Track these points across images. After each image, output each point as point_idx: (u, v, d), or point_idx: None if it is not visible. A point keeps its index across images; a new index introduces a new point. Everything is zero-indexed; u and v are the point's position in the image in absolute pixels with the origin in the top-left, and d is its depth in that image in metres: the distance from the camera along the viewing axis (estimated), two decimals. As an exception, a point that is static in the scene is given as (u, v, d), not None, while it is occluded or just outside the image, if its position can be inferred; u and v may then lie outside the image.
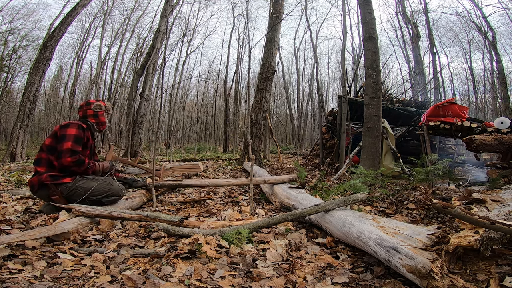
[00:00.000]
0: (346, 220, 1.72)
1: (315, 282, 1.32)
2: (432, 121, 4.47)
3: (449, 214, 1.39)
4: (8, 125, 18.79)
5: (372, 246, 1.43)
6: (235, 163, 7.49)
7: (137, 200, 2.90)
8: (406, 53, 17.47)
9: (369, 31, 5.08)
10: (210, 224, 2.03)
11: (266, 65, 7.56)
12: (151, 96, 13.92)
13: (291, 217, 1.97)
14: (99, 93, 21.64)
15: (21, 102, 9.08)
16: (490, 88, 18.33)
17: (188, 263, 1.47)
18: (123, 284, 1.25)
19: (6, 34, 14.99)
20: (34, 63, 9.22)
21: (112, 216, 2.19)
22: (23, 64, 16.29)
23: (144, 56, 11.06)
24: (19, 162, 7.80)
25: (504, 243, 1.20)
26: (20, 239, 1.62)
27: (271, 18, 8.18)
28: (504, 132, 3.83)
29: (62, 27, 9.41)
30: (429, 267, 1.10)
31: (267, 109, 7.57)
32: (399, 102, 8.38)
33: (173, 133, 23.10)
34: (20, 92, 16.73)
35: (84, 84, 24.49)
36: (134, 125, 10.20)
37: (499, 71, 14.02)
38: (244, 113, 22.30)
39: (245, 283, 1.31)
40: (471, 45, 19.00)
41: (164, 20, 10.21)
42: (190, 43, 22.19)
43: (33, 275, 1.33)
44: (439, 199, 2.46)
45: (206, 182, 3.20)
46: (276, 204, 2.77)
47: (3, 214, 2.34)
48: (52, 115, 20.27)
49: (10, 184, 4.08)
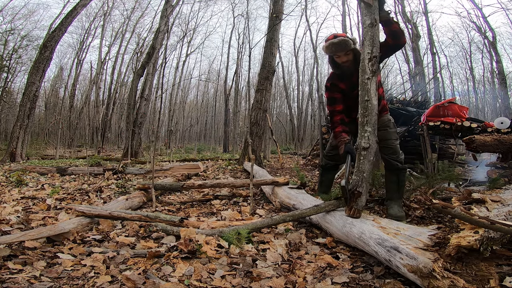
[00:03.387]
0: (347, 220, 1.72)
1: (315, 282, 1.32)
2: (432, 121, 4.48)
3: (449, 214, 1.39)
4: (8, 125, 18.78)
5: (373, 246, 1.43)
6: (235, 163, 7.48)
7: (137, 200, 2.90)
8: (406, 53, 17.47)
9: (369, 31, 5.07)
10: (210, 224, 2.03)
11: (266, 65, 7.56)
12: (151, 96, 13.92)
13: (291, 218, 1.96)
14: (99, 93, 21.67)
15: (21, 102, 9.08)
16: (490, 88, 18.35)
17: (188, 263, 1.47)
18: (123, 284, 1.25)
19: (6, 34, 14.99)
20: (34, 63, 9.22)
21: (112, 216, 2.19)
22: (23, 64, 16.30)
23: (144, 56, 11.06)
24: (19, 162, 7.80)
25: (504, 243, 1.20)
26: (20, 239, 1.62)
27: (271, 18, 8.18)
28: (504, 132, 3.84)
29: (62, 27, 9.41)
30: (431, 267, 1.10)
31: (267, 109, 7.56)
32: (399, 102, 8.37)
33: (173, 133, 23.11)
34: (20, 92, 16.73)
35: (84, 84, 24.51)
36: (134, 125, 10.20)
37: (499, 71, 14.04)
38: (244, 113, 22.30)
39: (245, 283, 1.31)
40: (471, 45, 19.03)
41: (164, 20, 10.20)
42: (190, 43, 22.21)
43: (33, 275, 1.33)
44: (439, 199, 2.46)
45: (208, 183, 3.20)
46: (276, 204, 2.76)
47: (3, 214, 2.34)
48: (52, 115, 20.26)
49: (10, 184, 4.08)
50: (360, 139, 1.81)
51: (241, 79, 21.09)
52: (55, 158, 9.63)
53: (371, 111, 1.81)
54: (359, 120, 1.84)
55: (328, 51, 2.23)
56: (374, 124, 1.82)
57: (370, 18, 1.85)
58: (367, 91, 1.81)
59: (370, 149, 1.78)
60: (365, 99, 1.81)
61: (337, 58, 2.27)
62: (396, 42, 2.06)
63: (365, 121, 1.81)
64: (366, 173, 1.76)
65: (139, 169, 5.36)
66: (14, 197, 3.20)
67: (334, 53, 2.23)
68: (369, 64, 1.82)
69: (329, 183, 2.90)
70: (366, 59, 1.83)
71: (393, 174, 2.33)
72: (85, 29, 20.62)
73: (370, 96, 1.80)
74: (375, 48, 1.83)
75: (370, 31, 1.84)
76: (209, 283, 1.30)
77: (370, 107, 1.81)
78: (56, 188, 3.74)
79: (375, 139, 1.82)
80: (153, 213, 2.19)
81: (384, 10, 1.96)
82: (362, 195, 1.75)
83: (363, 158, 1.78)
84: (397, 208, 2.25)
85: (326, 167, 2.84)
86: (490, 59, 16.48)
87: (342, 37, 2.20)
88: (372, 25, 1.85)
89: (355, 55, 2.23)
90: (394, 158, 2.29)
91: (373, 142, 1.79)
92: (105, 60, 21.19)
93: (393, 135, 2.32)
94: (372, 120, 1.80)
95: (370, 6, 1.85)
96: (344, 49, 2.18)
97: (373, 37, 1.83)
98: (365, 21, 1.87)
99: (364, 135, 1.79)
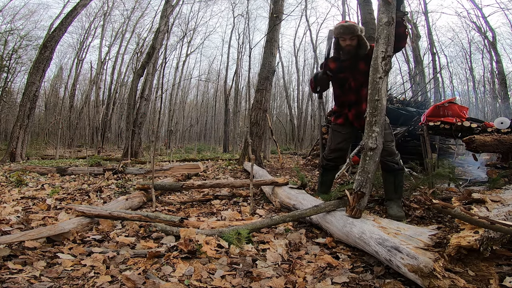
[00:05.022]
0: (348, 220, 1.72)
1: (315, 282, 1.32)
2: (432, 121, 4.48)
3: (449, 214, 1.39)
4: (8, 125, 18.78)
5: (373, 246, 1.43)
6: (235, 163, 7.48)
7: (137, 200, 2.90)
8: (406, 53, 17.48)
9: (369, 31, 5.08)
10: (210, 224, 2.03)
11: (266, 65, 7.56)
12: (151, 96, 13.92)
13: (291, 218, 1.96)
14: (99, 93, 21.66)
15: (21, 102, 9.07)
16: (490, 88, 18.35)
17: (188, 263, 1.47)
18: (123, 284, 1.25)
19: (6, 34, 14.99)
20: (34, 63, 9.22)
21: (112, 216, 2.19)
22: (23, 64, 16.29)
23: (144, 56, 11.06)
24: (19, 162, 7.80)
25: (504, 243, 1.20)
26: (20, 239, 1.62)
27: (271, 18, 8.18)
28: (504, 132, 3.84)
29: (62, 27, 9.41)
30: (432, 267, 1.10)
31: (267, 109, 7.56)
32: (399, 102, 8.37)
33: (173, 133, 23.11)
34: (20, 92, 16.73)
35: (84, 84, 24.51)
36: (134, 125, 10.19)
37: (499, 71, 14.04)
38: (244, 113, 22.30)
39: (245, 283, 1.31)
40: (471, 45, 19.03)
41: (164, 20, 10.20)
42: (190, 43, 22.22)
43: (33, 275, 1.33)
44: (439, 199, 2.46)
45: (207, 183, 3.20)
46: (276, 204, 2.76)
47: (3, 214, 2.34)
48: (52, 115, 20.26)
49: (10, 184, 4.08)
50: (367, 139, 1.77)
51: (241, 79, 21.11)
52: (55, 158, 9.63)
53: (381, 111, 1.77)
54: (366, 119, 1.81)
55: (336, 31, 2.33)
56: (382, 124, 1.78)
57: (387, 16, 1.81)
58: (378, 90, 1.76)
59: (377, 150, 1.75)
60: (375, 98, 1.76)
61: (342, 41, 2.37)
62: (397, 45, 2.03)
63: (374, 121, 1.77)
64: (371, 173, 1.74)
65: (139, 169, 5.36)
66: (14, 197, 3.19)
67: (341, 35, 2.32)
68: (383, 63, 1.77)
69: (329, 183, 2.91)
70: (380, 58, 1.78)
71: (390, 175, 2.35)
72: (85, 29, 20.64)
73: (381, 95, 1.76)
74: (389, 47, 1.79)
75: (386, 29, 1.80)
76: (209, 283, 1.30)
77: (380, 107, 1.76)
78: (56, 188, 3.74)
79: (382, 140, 1.79)
80: (153, 213, 2.18)
81: (400, 10, 1.95)
82: (365, 196, 1.74)
83: (369, 158, 1.75)
84: (396, 208, 2.26)
85: (326, 167, 2.85)
86: (490, 59, 16.49)
87: (352, 23, 2.34)
88: (389, 24, 1.80)
89: (359, 42, 2.35)
90: (390, 160, 2.31)
91: (380, 143, 1.76)
92: (105, 60, 21.20)
93: (388, 136, 2.34)
94: (381, 121, 1.77)
95: (389, 4, 1.81)
96: (351, 32, 2.28)
97: (388, 36, 1.79)
98: (382, 19, 1.82)
99: (371, 135, 1.76)
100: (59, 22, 9.64)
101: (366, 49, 2.36)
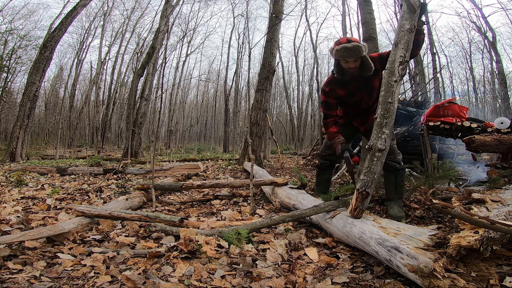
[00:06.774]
0: (348, 220, 1.72)
1: (315, 282, 1.32)
2: (432, 121, 4.48)
3: (449, 214, 1.39)
4: (8, 125, 18.77)
5: (373, 246, 1.43)
6: (235, 163, 7.48)
7: (137, 200, 2.90)
8: (406, 53, 17.40)
9: (369, 31, 5.08)
10: (210, 224, 2.03)
11: (266, 65, 7.56)
12: (151, 96, 13.92)
13: (290, 218, 1.97)
14: (99, 93, 21.66)
15: (21, 102, 9.07)
16: (490, 88, 18.35)
17: (188, 263, 1.47)
18: (123, 284, 1.25)
19: (6, 34, 14.98)
20: (34, 63, 9.22)
21: (112, 216, 2.19)
22: (23, 64, 16.28)
23: (144, 56, 11.05)
24: (19, 162, 7.80)
25: (504, 243, 1.20)
26: (20, 239, 1.62)
27: (271, 18, 8.18)
28: (504, 132, 3.84)
29: (62, 27, 9.41)
30: (432, 267, 1.10)
31: (267, 109, 7.56)
32: (399, 102, 8.38)
33: (173, 133, 23.11)
34: (20, 92, 16.73)
35: (84, 84, 24.50)
36: (134, 125, 10.19)
37: (499, 71, 14.04)
38: (244, 113, 22.29)
39: (245, 283, 1.31)
40: (471, 45, 19.03)
41: (164, 20, 10.20)
42: (190, 43, 22.21)
43: (33, 275, 1.33)
44: (439, 199, 2.46)
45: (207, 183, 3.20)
46: (276, 204, 2.76)
47: (3, 214, 2.34)
48: (52, 115, 20.26)
49: (10, 184, 4.08)
50: (376, 139, 1.77)
51: (241, 79, 21.10)
52: (55, 158, 9.63)
53: (392, 114, 1.80)
54: (377, 120, 1.81)
55: (338, 54, 2.10)
56: (392, 127, 1.82)
57: (410, 23, 1.85)
58: (392, 93, 1.79)
59: (385, 151, 1.77)
60: (388, 100, 1.79)
61: (344, 63, 2.17)
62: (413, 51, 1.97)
63: (385, 122, 1.79)
64: (377, 174, 1.75)
65: (139, 169, 5.36)
66: (14, 197, 3.19)
67: (344, 58, 2.11)
68: (400, 68, 1.81)
69: (326, 183, 2.90)
70: (397, 62, 1.82)
71: (392, 175, 2.34)
72: (85, 29, 20.63)
73: (394, 98, 1.79)
74: (408, 53, 1.84)
75: (407, 36, 1.84)
76: (209, 283, 1.30)
77: (392, 109, 1.79)
78: (56, 188, 3.74)
79: (390, 141, 1.82)
80: (153, 213, 2.18)
81: (421, 20, 1.95)
82: (369, 196, 1.75)
83: (377, 159, 1.75)
84: (397, 208, 2.25)
85: (322, 166, 2.85)
86: (490, 59, 16.48)
87: (356, 42, 2.09)
88: (411, 31, 1.85)
89: (363, 63, 2.16)
90: (391, 159, 2.30)
91: (388, 145, 1.79)
92: (105, 60, 21.19)
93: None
94: (391, 123, 1.80)
95: (414, 12, 1.85)
96: (355, 55, 2.09)
97: (408, 42, 1.84)
98: (404, 25, 1.86)
99: (381, 136, 1.77)
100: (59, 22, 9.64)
101: (371, 70, 2.19)
